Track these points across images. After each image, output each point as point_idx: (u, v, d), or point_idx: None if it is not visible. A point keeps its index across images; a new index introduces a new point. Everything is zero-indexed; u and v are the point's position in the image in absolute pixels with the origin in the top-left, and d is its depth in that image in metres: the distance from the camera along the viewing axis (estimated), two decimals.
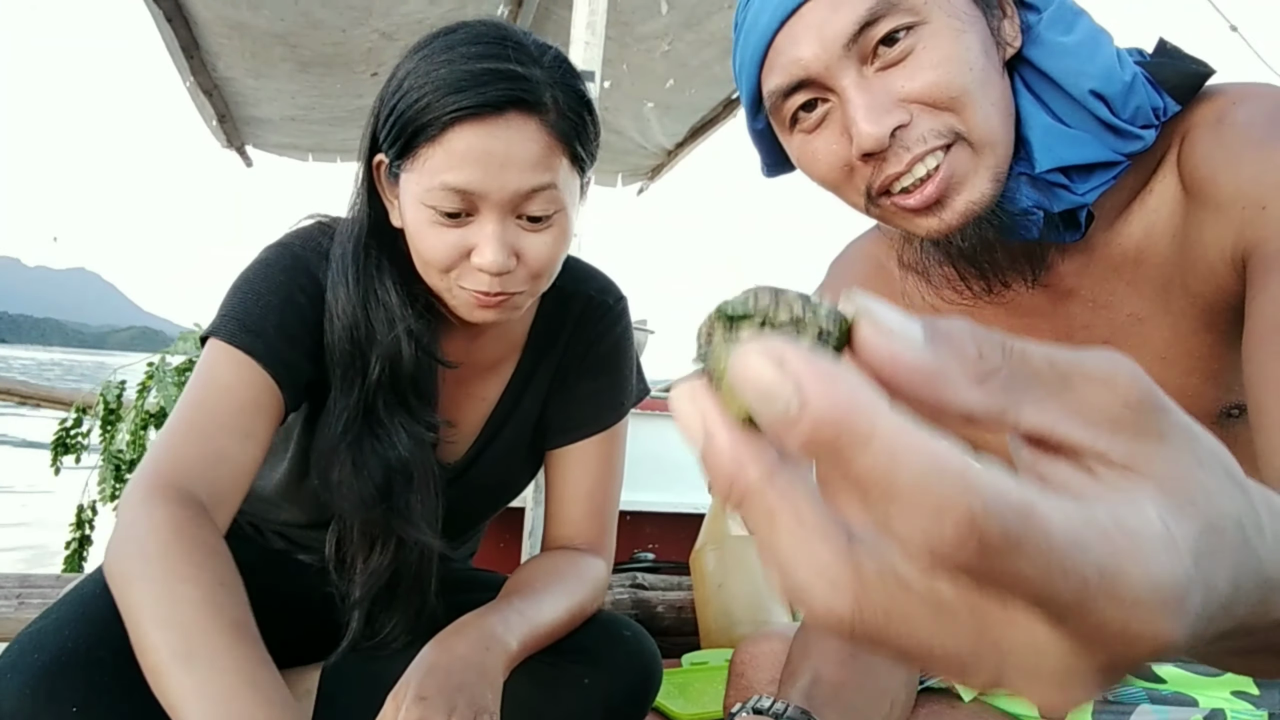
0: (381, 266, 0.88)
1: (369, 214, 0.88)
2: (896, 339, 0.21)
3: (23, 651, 0.76)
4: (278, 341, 0.85)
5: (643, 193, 4.94)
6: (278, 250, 0.91)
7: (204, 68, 3.24)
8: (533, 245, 0.82)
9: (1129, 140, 0.64)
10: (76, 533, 1.85)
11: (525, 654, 0.85)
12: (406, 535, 0.91)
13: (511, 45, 0.80)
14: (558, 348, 1.04)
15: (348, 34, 2.94)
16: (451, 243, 0.80)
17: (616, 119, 3.70)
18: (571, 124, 0.82)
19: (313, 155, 4.37)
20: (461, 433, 1.02)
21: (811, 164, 0.70)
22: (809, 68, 0.65)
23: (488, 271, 0.80)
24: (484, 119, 0.77)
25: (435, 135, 0.78)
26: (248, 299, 0.86)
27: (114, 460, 1.82)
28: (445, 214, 0.79)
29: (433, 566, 0.94)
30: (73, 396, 2.73)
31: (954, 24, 0.63)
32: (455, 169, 0.77)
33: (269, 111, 3.73)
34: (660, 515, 2.07)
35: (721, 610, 1.46)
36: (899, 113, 0.63)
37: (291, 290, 0.88)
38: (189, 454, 0.78)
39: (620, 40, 3.00)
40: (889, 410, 0.19)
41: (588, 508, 1.03)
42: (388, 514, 0.90)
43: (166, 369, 1.85)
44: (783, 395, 0.19)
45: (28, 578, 1.40)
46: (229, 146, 4.16)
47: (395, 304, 0.87)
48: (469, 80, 0.77)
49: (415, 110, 0.78)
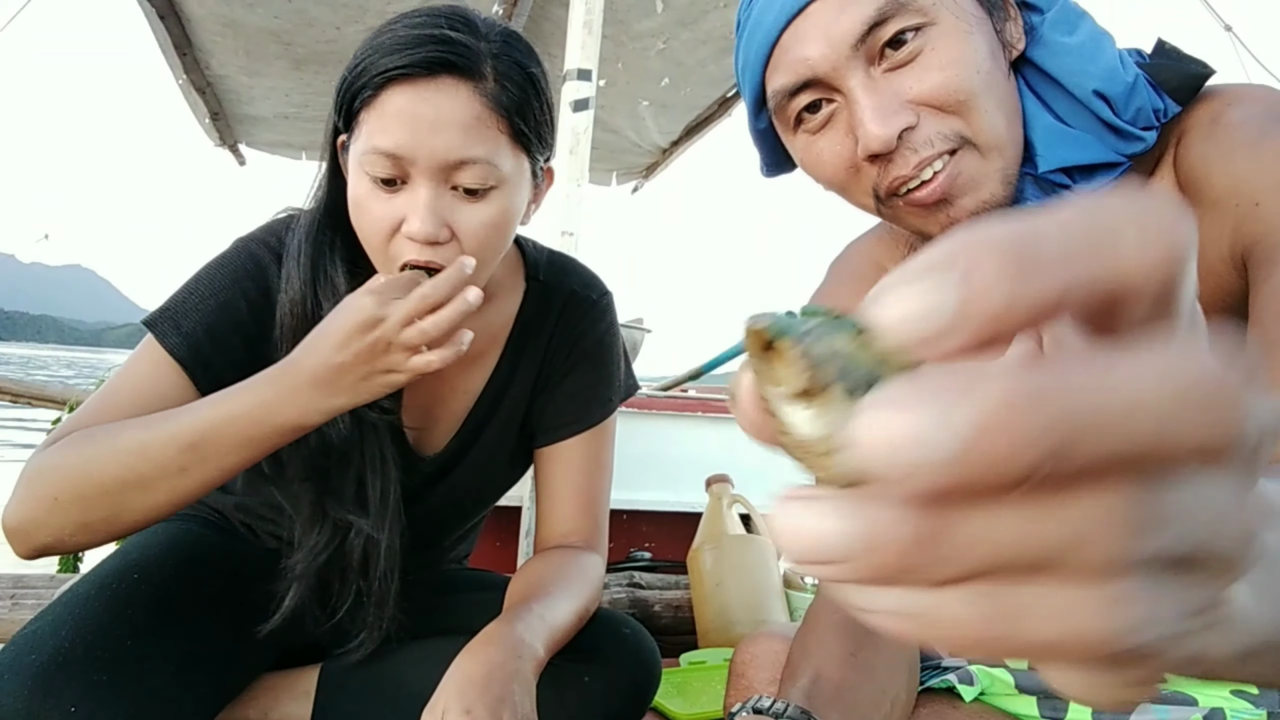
0: (334, 246, 0.88)
1: (329, 193, 0.88)
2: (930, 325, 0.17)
3: (19, 652, 0.76)
4: (205, 343, 0.86)
5: (637, 191, 4.94)
6: (236, 250, 0.92)
7: (197, 65, 3.23)
8: (466, 219, 0.80)
9: (1130, 141, 0.65)
10: None
11: (549, 657, 0.84)
12: (341, 517, 0.90)
13: (456, 17, 0.80)
14: (542, 342, 1.04)
15: (342, 31, 2.93)
16: (385, 213, 0.79)
17: (612, 117, 3.70)
18: (512, 97, 0.80)
19: (306, 154, 4.36)
20: (441, 424, 1.01)
21: (816, 165, 0.70)
22: (815, 67, 0.64)
23: (416, 239, 0.78)
24: (414, 80, 0.76)
25: (369, 98, 0.78)
26: (190, 298, 0.88)
27: None
28: (380, 180, 0.78)
29: (382, 558, 0.91)
30: (65, 394, 2.71)
31: (962, 26, 0.63)
32: (385, 131, 0.77)
33: (262, 109, 3.72)
34: (656, 514, 2.06)
35: (719, 609, 1.46)
36: (906, 114, 0.62)
37: (233, 295, 0.88)
38: (81, 423, 0.81)
39: (615, 39, 3.00)
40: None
41: (580, 505, 1.03)
42: (322, 491, 0.89)
43: None
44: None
45: (22, 578, 1.40)
46: (222, 145, 4.14)
47: (342, 282, 0.87)
48: (403, 44, 0.77)
49: (354, 76, 0.79)
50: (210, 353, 0.86)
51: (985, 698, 0.80)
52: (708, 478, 1.64)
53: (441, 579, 1.11)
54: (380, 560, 0.91)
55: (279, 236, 0.91)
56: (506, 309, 1.02)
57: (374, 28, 0.82)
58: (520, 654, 0.79)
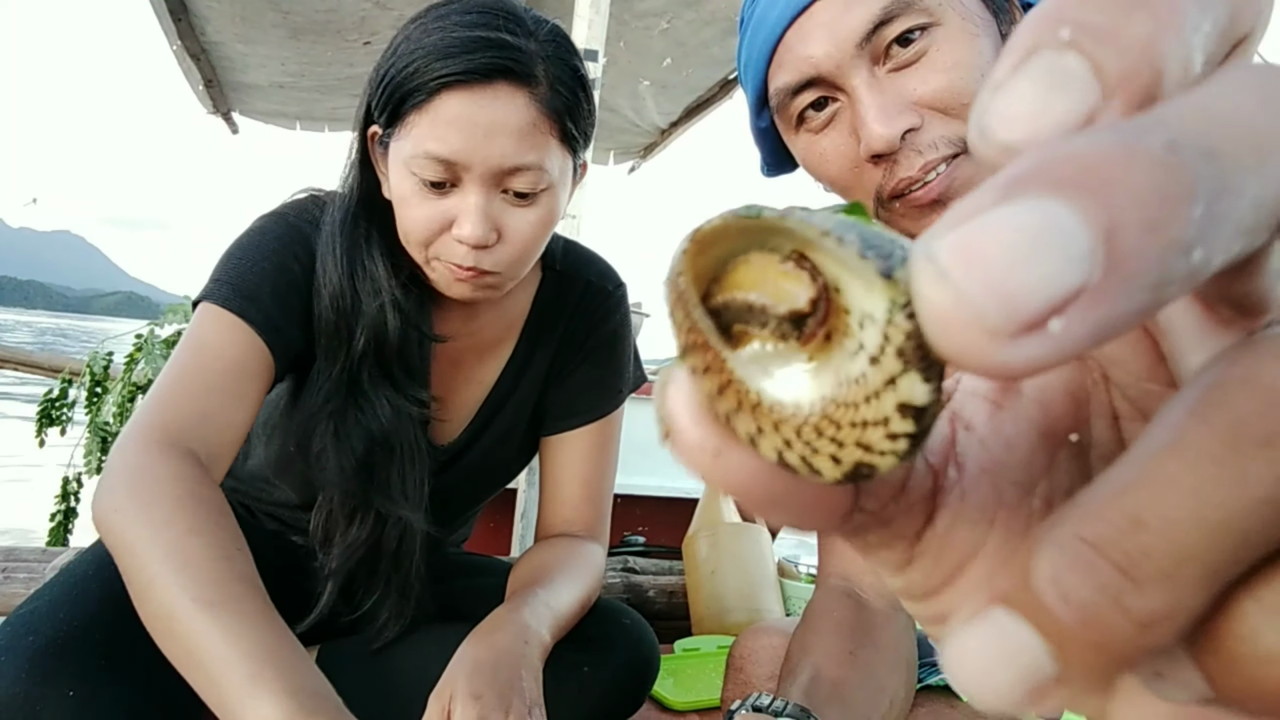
0: (370, 238, 0.87)
1: (361, 185, 0.87)
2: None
3: (16, 634, 0.75)
4: (271, 306, 0.84)
5: (634, 171, 4.91)
6: (273, 219, 0.90)
7: (192, 31, 3.17)
8: (515, 222, 0.81)
9: None
10: (62, 505, 1.83)
11: (554, 644, 0.85)
12: (385, 509, 0.90)
13: (505, 15, 0.79)
14: (556, 332, 1.04)
15: (341, 1, 2.89)
16: (434, 214, 0.79)
17: (611, 96, 3.66)
18: (564, 100, 0.80)
19: (300, 123, 4.30)
20: (457, 414, 1.01)
21: (818, 164, 0.69)
22: (819, 66, 0.63)
23: (466, 243, 0.79)
24: (471, 87, 0.76)
25: (422, 102, 0.77)
26: (242, 265, 0.85)
27: (100, 432, 1.79)
28: (429, 183, 0.78)
29: (415, 544, 0.93)
30: (53, 361, 2.68)
31: (968, 28, 0.62)
32: (440, 137, 0.76)
33: (257, 78, 3.66)
34: (651, 499, 2.07)
35: (713, 596, 1.46)
36: (910, 115, 0.62)
37: (286, 258, 0.87)
38: (183, 410, 0.77)
39: (619, 17, 2.96)
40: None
41: (584, 494, 1.03)
42: (366, 486, 0.89)
43: (155, 340, 1.82)
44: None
45: (13, 551, 1.38)
46: (215, 112, 4.08)
47: (381, 275, 0.86)
48: (458, 47, 0.76)
49: (404, 76, 0.77)
50: (276, 313, 0.84)
51: None
52: None
53: (441, 565, 1.11)
54: (415, 551, 0.92)
55: (311, 212, 0.91)
56: (523, 297, 1.02)
57: (376, 0, 0.81)
58: (527, 640, 0.79)
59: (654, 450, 2.08)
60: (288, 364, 0.87)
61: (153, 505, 0.68)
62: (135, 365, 1.84)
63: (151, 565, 0.66)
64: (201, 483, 0.72)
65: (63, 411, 1.94)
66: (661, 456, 2.05)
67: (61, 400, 1.92)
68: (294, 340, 0.86)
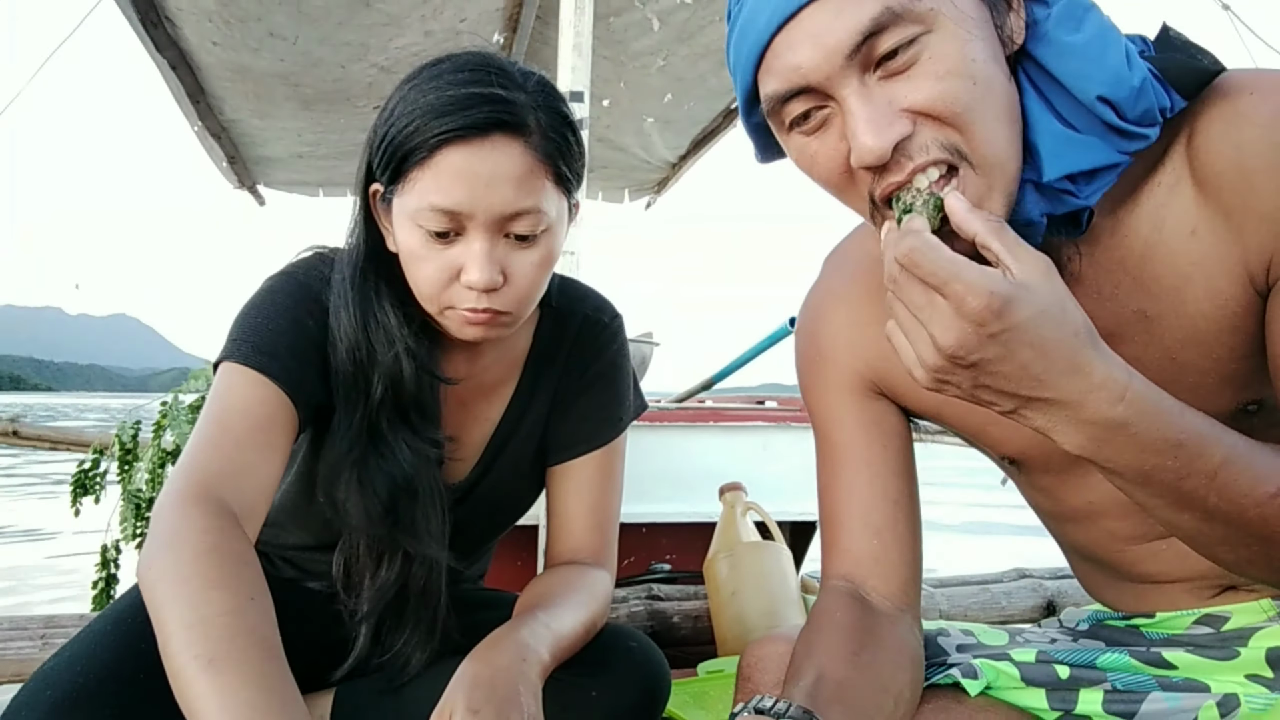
0: (380, 290, 0.91)
1: (366, 241, 0.91)
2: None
3: (37, 689, 0.77)
4: (290, 360, 0.87)
5: (650, 206, 4.97)
6: (281, 279, 0.94)
7: (211, 111, 3.32)
8: (519, 263, 0.85)
9: (1134, 140, 0.63)
10: (102, 572, 1.89)
11: (554, 665, 0.86)
12: (413, 549, 0.93)
13: (495, 71, 0.83)
14: (557, 366, 1.06)
15: (347, 70, 3.00)
16: (442, 263, 0.83)
17: (618, 136, 3.73)
18: (555, 145, 0.84)
19: (323, 190, 4.44)
20: (466, 452, 1.04)
21: (811, 166, 0.68)
22: (808, 76, 0.62)
23: (476, 288, 0.82)
24: (469, 141, 0.80)
25: (423, 159, 0.80)
26: (257, 323, 0.89)
27: (134, 499, 1.86)
28: (435, 234, 0.82)
29: (441, 581, 0.96)
30: (102, 441, 2.78)
31: (960, 32, 0.61)
32: (443, 190, 0.80)
33: (277, 150, 3.81)
34: (674, 526, 2.06)
35: (735, 617, 1.45)
36: (901, 125, 0.61)
37: (299, 314, 0.90)
38: (216, 466, 0.79)
39: (615, 59, 3.04)
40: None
41: (590, 522, 1.05)
42: (394, 529, 0.92)
43: (180, 407, 1.89)
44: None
45: (53, 618, 1.42)
46: (241, 186, 4.24)
47: (394, 325, 0.90)
48: (454, 105, 0.80)
49: (404, 136, 0.81)
50: (295, 367, 0.87)
51: (992, 691, 0.79)
52: (721, 486, 1.64)
53: (458, 599, 1.12)
54: (441, 587, 0.95)
55: (318, 269, 0.94)
56: (523, 337, 1.05)
57: (381, 65, 0.85)
58: (525, 657, 0.80)
59: (674, 477, 2.09)
60: (310, 415, 0.90)
61: (179, 561, 0.70)
62: (163, 433, 1.91)
63: (169, 623, 0.67)
64: (227, 534, 0.74)
65: (95, 481, 2.01)
66: (682, 482, 2.06)
67: (94, 470, 1.99)
68: (314, 391, 0.89)
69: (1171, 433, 0.58)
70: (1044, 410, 0.58)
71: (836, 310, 0.87)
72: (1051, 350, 0.56)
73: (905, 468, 0.84)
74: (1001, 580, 1.81)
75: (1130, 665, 0.78)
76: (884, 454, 0.84)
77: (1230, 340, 0.67)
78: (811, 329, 0.89)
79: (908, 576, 0.81)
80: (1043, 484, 0.83)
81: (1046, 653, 0.81)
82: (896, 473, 0.83)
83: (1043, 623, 0.96)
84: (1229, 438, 0.59)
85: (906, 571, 0.81)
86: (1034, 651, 0.81)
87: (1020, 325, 0.55)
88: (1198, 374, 0.68)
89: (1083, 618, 0.90)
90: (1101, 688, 0.77)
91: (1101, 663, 0.79)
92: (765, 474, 1.91)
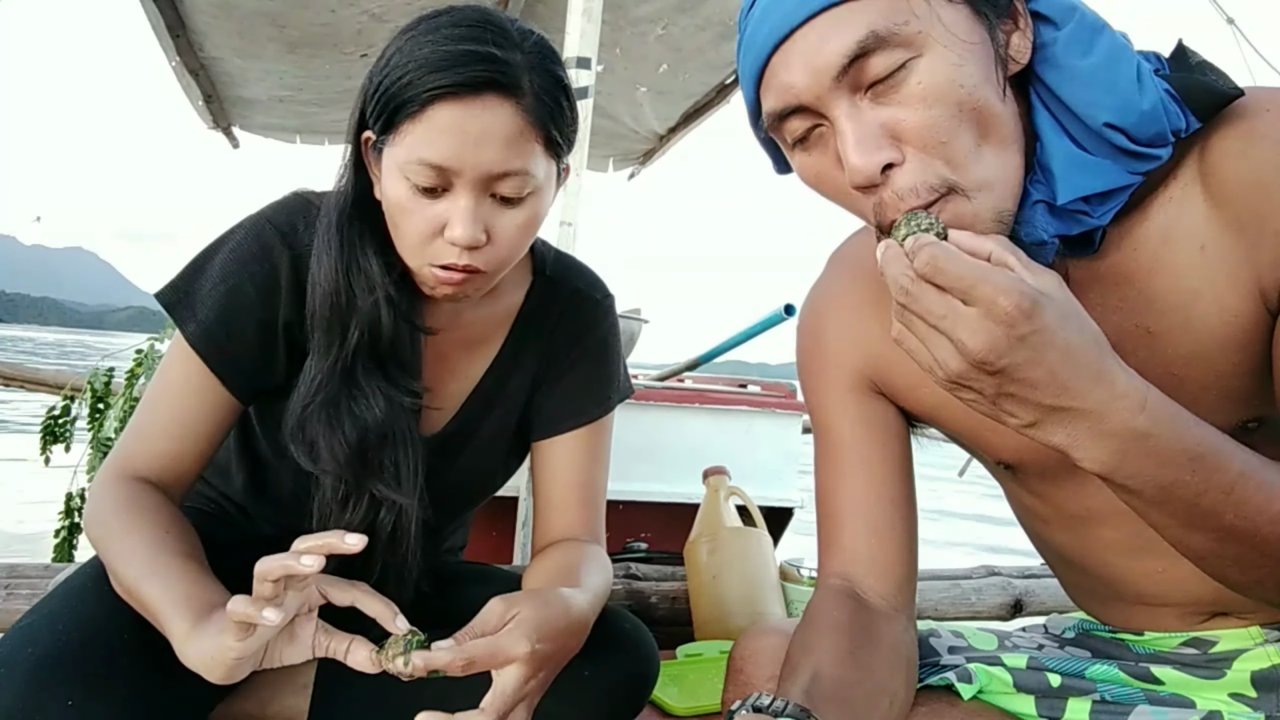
0: (364, 236, 0.90)
1: (355, 186, 0.90)
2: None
3: (16, 646, 0.76)
4: (219, 332, 0.90)
5: (634, 178, 4.93)
6: (245, 231, 0.94)
7: (190, 47, 3.20)
8: (503, 224, 0.85)
9: (1146, 161, 0.63)
10: (65, 521, 1.84)
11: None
12: (380, 494, 0.92)
13: (493, 28, 0.83)
14: (544, 334, 1.06)
15: (337, 14, 2.91)
16: (427, 217, 0.83)
17: (609, 103, 3.67)
18: (547, 109, 0.84)
19: (300, 137, 4.34)
20: (443, 403, 1.03)
21: (815, 182, 0.70)
22: (800, 96, 0.63)
23: (459, 244, 0.83)
24: (461, 98, 0.79)
25: (415, 112, 0.80)
26: (200, 282, 0.92)
27: (102, 448, 1.80)
28: (422, 188, 0.82)
29: (410, 531, 0.94)
30: (57, 379, 2.70)
31: (950, 57, 0.60)
32: (432, 145, 0.80)
33: (256, 92, 3.69)
34: (652, 505, 2.07)
35: (715, 602, 1.46)
36: (890, 150, 0.61)
37: (240, 279, 0.91)
38: (141, 460, 0.90)
39: (614, 24, 2.98)
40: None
41: (582, 499, 1.05)
42: (359, 472, 0.91)
43: (155, 356, 1.83)
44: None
45: (16, 568, 1.39)
46: (215, 127, 4.11)
47: (376, 272, 0.90)
48: (449, 60, 0.79)
49: (398, 88, 0.81)
50: (224, 339, 0.90)
51: (983, 695, 0.81)
52: (705, 470, 1.64)
53: (438, 572, 1.11)
54: (410, 536, 0.94)
55: (291, 220, 0.94)
56: (511, 299, 1.04)
57: (373, 12, 0.84)
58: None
59: (654, 455, 2.09)
60: (251, 394, 0.95)
61: (105, 522, 0.85)
62: (136, 381, 1.85)
63: (111, 561, 0.82)
64: (143, 491, 0.88)
65: (65, 428, 1.96)
66: (662, 461, 2.06)
67: (64, 417, 1.93)
68: (245, 369, 0.92)
69: (1190, 444, 0.58)
70: (1066, 421, 0.57)
71: (840, 309, 0.87)
72: (1078, 355, 0.55)
73: (904, 468, 0.85)
74: (971, 577, 1.85)
75: (1119, 678, 0.80)
76: (883, 454, 0.84)
77: (1235, 356, 0.67)
78: (814, 327, 0.89)
79: (903, 576, 0.82)
80: (1038, 490, 0.83)
81: (1038, 659, 0.82)
82: (895, 473, 0.84)
83: (1028, 628, 0.97)
84: (1241, 452, 0.60)
85: (902, 571, 0.82)
86: (1025, 658, 0.83)
87: (1049, 327, 0.54)
88: (1198, 389, 0.69)
89: (1069, 625, 0.92)
90: (1090, 698, 0.79)
91: (1091, 673, 0.81)
92: (746, 458, 1.92)
